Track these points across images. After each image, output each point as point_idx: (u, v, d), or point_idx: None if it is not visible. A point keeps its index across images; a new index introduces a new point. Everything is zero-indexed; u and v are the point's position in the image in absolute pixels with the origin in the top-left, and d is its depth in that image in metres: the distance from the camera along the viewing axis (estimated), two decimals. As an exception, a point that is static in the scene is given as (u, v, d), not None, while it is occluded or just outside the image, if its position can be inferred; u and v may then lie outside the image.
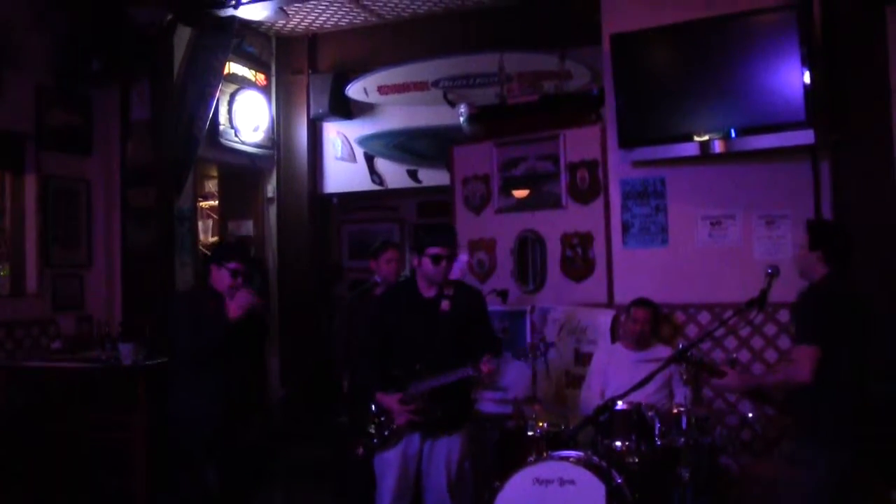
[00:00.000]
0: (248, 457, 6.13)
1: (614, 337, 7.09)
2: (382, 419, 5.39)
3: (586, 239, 7.51)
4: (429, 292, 5.44)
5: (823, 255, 4.84)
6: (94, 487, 7.23)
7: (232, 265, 5.68)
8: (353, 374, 6.55)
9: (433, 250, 5.30)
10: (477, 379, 5.36)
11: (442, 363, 5.27)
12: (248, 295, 5.61)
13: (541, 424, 5.99)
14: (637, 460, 5.61)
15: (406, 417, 5.28)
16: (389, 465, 5.37)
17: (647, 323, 6.63)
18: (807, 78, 6.18)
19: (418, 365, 5.31)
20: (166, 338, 6.07)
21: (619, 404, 5.56)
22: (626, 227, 7.25)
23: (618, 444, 5.65)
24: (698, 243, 7.01)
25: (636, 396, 5.39)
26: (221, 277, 5.70)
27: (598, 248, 7.45)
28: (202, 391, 5.63)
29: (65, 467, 7.22)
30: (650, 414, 5.70)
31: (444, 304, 5.38)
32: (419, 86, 9.90)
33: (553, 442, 5.72)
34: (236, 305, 5.55)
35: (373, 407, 5.46)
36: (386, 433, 5.37)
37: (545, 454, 5.51)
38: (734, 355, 6.35)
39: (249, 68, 10.21)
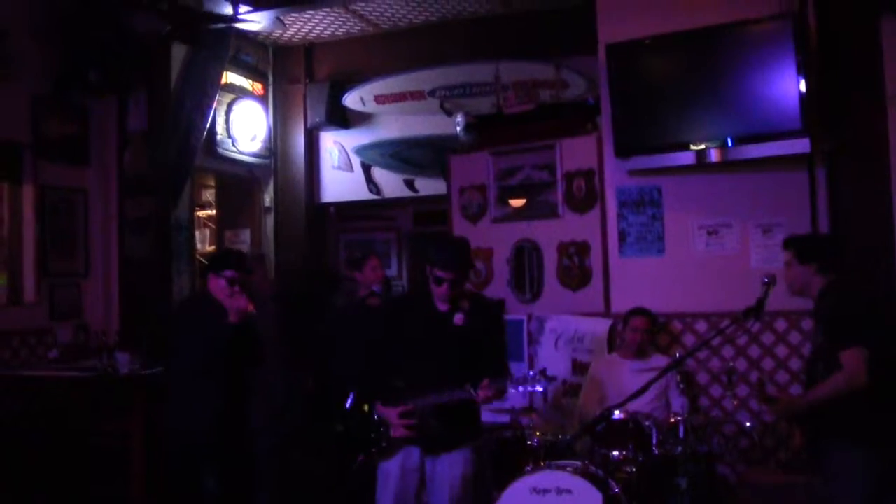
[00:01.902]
0: (247, 464, 6.14)
1: (611, 346, 7.10)
2: (382, 430, 5.37)
3: (583, 248, 7.52)
4: (443, 306, 5.22)
5: (818, 267, 4.86)
6: (91, 496, 7.21)
7: (228, 273, 5.73)
8: (339, 381, 6.53)
9: (439, 273, 5.09)
10: (475, 401, 5.25)
11: (446, 380, 5.10)
12: (244, 301, 5.64)
13: (538, 434, 6.00)
14: (634, 469, 5.62)
15: (401, 431, 5.24)
16: (389, 475, 5.32)
17: (646, 331, 6.65)
18: (802, 86, 6.21)
19: (422, 380, 5.19)
20: (167, 345, 6.09)
21: (617, 414, 5.58)
22: (622, 236, 7.26)
23: (615, 453, 5.67)
24: (695, 252, 7.02)
25: (633, 406, 5.40)
26: (219, 286, 5.74)
27: (595, 258, 7.46)
28: (202, 398, 5.66)
29: (62, 476, 7.20)
30: (647, 423, 5.71)
31: (458, 318, 5.16)
32: (416, 95, 9.91)
33: (550, 451, 5.73)
34: (233, 311, 5.59)
35: (375, 417, 5.44)
36: (384, 444, 5.34)
37: (542, 463, 5.52)
38: (731, 364, 6.37)
39: (247, 78, 10.21)
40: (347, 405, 5.72)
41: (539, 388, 5.20)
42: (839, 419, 4.65)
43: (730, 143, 6.54)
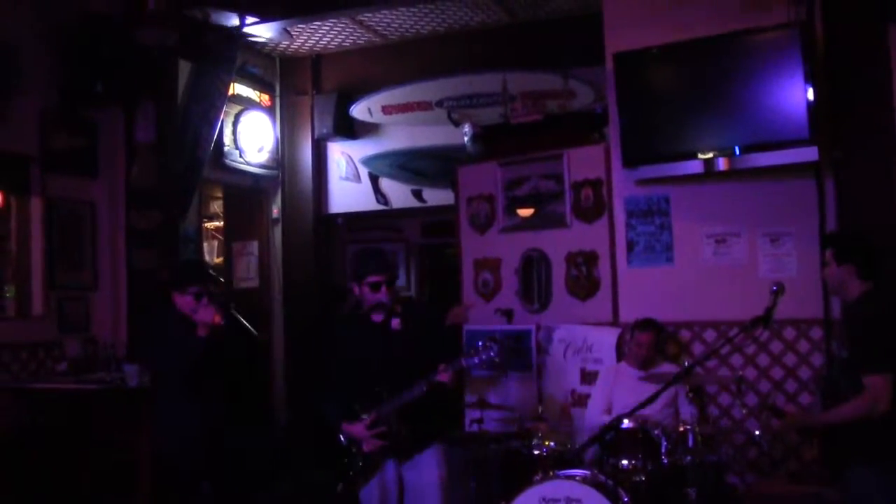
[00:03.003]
0: (243, 475, 6.12)
1: (620, 355, 7.08)
2: (353, 450, 5.38)
3: (591, 258, 7.51)
4: (377, 317, 5.44)
5: (856, 269, 4.76)
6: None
7: (193, 289, 5.64)
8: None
9: (373, 279, 5.34)
10: (442, 389, 5.27)
11: (402, 384, 5.24)
12: (210, 312, 5.53)
13: (547, 443, 5.99)
14: (644, 479, 5.59)
15: (373, 443, 5.28)
16: (371, 498, 5.36)
17: (652, 347, 6.63)
18: (810, 95, 6.19)
19: (377, 388, 5.31)
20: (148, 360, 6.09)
21: (626, 422, 5.56)
22: (630, 246, 7.25)
23: (624, 462, 5.64)
24: (703, 261, 7.00)
25: (642, 414, 5.38)
26: (185, 302, 5.65)
27: (603, 267, 7.44)
28: (185, 420, 5.62)
29: (70, 488, 7.20)
30: (656, 432, 5.68)
31: (395, 323, 5.40)
32: (423, 106, 9.93)
33: (559, 461, 5.71)
34: (201, 325, 5.52)
35: (342, 439, 5.44)
36: (360, 464, 5.35)
37: (551, 473, 5.49)
38: (740, 373, 6.34)
39: (254, 89, 10.24)
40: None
41: (493, 354, 5.26)
42: (860, 437, 4.58)
43: (737, 152, 6.52)
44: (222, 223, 11.02)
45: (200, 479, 5.76)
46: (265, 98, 10.44)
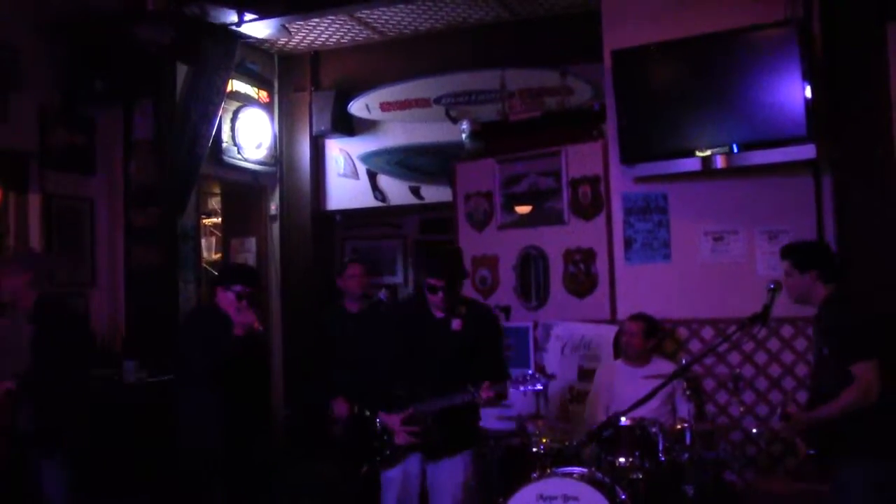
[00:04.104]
0: (255, 475, 6.15)
1: (617, 353, 7.09)
2: (385, 438, 5.39)
3: (589, 255, 7.52)
4: (439, 312, 5.39)
5: (819, 275, 4.82)
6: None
7: (237, 288, 5.75)
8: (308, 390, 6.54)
9: (431, 281, 5.27)
10: (478, 404, 5.31)
11: (446, 385, 5.23)
12: (251, 316, 5.66)
13: (544, 441, 5.99)
14: (641, 476, 5.60)
15: (405, 438, 5.28)
16: (392, 483, 5.38)
17: (640, 335, 6.62)
18: (808, 93, 6.21)
19: (422, 386, 5.30)
20: (175, 359, 6.11)
21: (623, 420, 5.58)
22: (628, 243, 7.26)
23: (622, 460, 5.65)
24: (701, 259, 7.02)
25: (639, 412, 5.40)
26: (227, 299, 5.75)
27: (601, 264, 7.46)
28: (208, 410, 5.68)
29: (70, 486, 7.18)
30: (654, 430, 5.69)
31: (455, 324, 5.35)
32: (421, 102, 9.93)
33: (557, 458, 5.72)
34: (239, 324, 5.60)
35: (377, 424, 5.46)
36: (388, 452, 5.37)
37: (549, 470, 5.51)
38: (738, 371, 6.36)
39: (252, 86, 10.23)
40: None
41: (539, 387, 5.31)
42: (846, 432, 4.61)
43: (735, 150, 6.54)
44: (220, 220, 11.02)
45: (216, 475, 5.79)
46: (263, 95, 10.44)
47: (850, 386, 4.56)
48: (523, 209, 7.93)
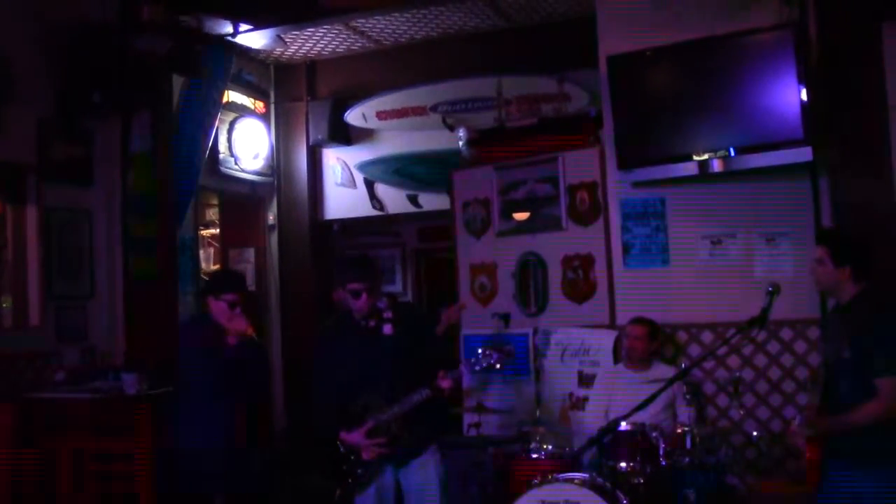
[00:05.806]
0: (254, 487, 6.13)
1: (617, 358, 7.09)
2: (352, 458, 5.33)
3: (587, 260, 7.52)
4: (368, 321, 5.36)
5: (853, 271, 4.64)
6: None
7: (229, 296, 5.69)
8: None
9: (351, 286, 5.25)
10: (440, 396, 5.26)
11: (398, 390, 5.20)
12: (243, 322, 5.62)
13: (545, 447, 6.00)
14: (642, 481, 5.60)
15: (373, 451, 5.22)
16: (367, 500, 5.32)
17: (645, 339, 6.63)
18: (804, 95, 6.21)
19: (375, 397, 5.25)
20: (175, 368, 6.11)
21: (623, 425, 5.56)
22: (626, 248, 7.25)
23: (622, 465, 5.64)
24: (699, 262, 7.01)
25: (640, 417, 5.39)
26: (219, 308, 5.71)
27: (600, 270, 7.46)
28: (210, 420, 5.66)
29: (69, 499, 7.18)
30: (654, 434, 5.69)
31: (387, 328, 5.33)
32: (418, 111, 9.95)
33: (558, 464, 5.71)
34: (232, 333, 5.59)
35: (340, 447, 5.38)
36: (359, 471, 5.32)
37: (550, 476, 5.50)
38: (738, 374, 6.35)
39: (248, 96, 10.25)
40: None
41: (494, 362, 5.26)
42: (864, 441, 4.47)
43: (732, 154, 6.54)
44: (219, 230, 11.01)
45: (215, 490, 5.76)
46: (260, 105, 10.45)
47: (875, 400, 4.41)
48: (521, 216, 7.93)
